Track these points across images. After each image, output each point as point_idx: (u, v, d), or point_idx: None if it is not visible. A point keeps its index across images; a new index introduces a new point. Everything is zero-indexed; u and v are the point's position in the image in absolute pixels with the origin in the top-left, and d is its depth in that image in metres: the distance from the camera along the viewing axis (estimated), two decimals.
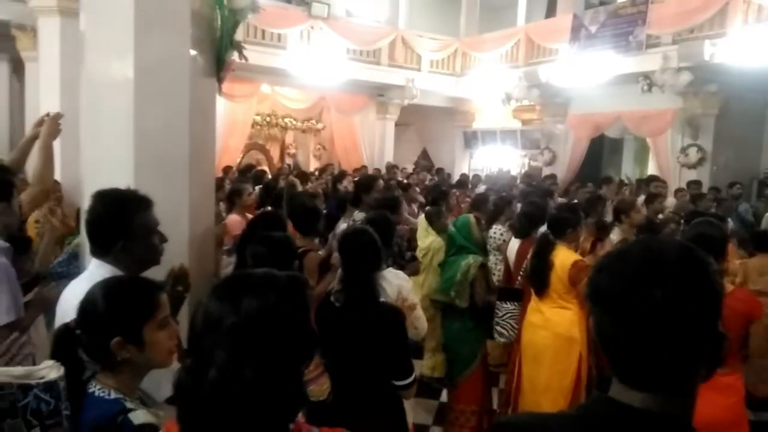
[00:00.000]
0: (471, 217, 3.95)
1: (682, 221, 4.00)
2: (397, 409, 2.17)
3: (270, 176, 8.25)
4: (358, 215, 4.45)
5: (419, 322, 2.66)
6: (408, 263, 3.99)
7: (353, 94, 12.43)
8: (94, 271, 1.70)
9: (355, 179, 6.56)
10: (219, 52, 2.83)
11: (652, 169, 10.72)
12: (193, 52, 2.65)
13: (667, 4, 8.99)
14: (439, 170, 11.90)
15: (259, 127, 12.37)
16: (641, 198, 6.48)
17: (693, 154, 9.57)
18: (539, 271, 3.47)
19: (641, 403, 0.85)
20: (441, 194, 5.74)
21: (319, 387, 2.13)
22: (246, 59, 2.97)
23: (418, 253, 4.64)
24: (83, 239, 2.10)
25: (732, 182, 8.10)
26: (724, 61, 7.88)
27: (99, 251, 1.74)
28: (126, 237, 1.71)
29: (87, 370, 1.41)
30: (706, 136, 9.56)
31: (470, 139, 14.44)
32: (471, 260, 3.67)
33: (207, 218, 2.75)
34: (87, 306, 1.41)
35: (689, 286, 0.83)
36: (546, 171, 11.62)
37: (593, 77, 9.79)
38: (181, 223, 2.45)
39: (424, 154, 15.01)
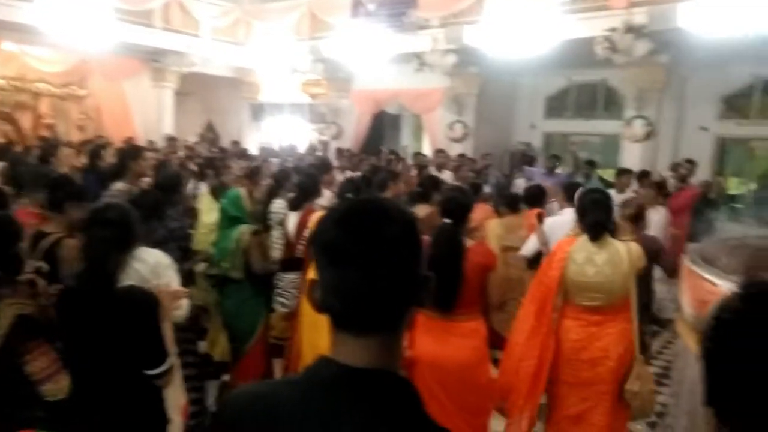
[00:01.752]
0: (242, 189, 3.94)
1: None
2: (151, 399, 2.00)
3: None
4: (119, 186, 4.06)
5: (180, 305, 2.49)
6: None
7: (123, 57, 11.19)
8: None
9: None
10: None
11: (427, 144, 11.67)
12: None
13: None
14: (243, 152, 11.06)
15: (4, 92, 10.52)
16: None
17: (458, 130, 10.64)
18: None
19: (355, 361, 0.90)
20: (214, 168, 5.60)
21: (56, 385, 1.87)
22: None
23: (201, 230, 4.44)
24: None
25: (484, 153, 9.15)
26: (479, 47, 8.80)
27: None
28: None
29: None
30: (469, 114, 10.68)
31: (258, 111, 14.13)
32: (243, 228, 3.65)
33: None
34: None
35: (392, 234, 0.91)
36: (333, 145, 11.90)
37: (372, 54, 10.21)
38: None
39: (209, 126, 14.29)
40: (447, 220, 2.75)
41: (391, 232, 0.90)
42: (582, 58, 8.34)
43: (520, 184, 7.71)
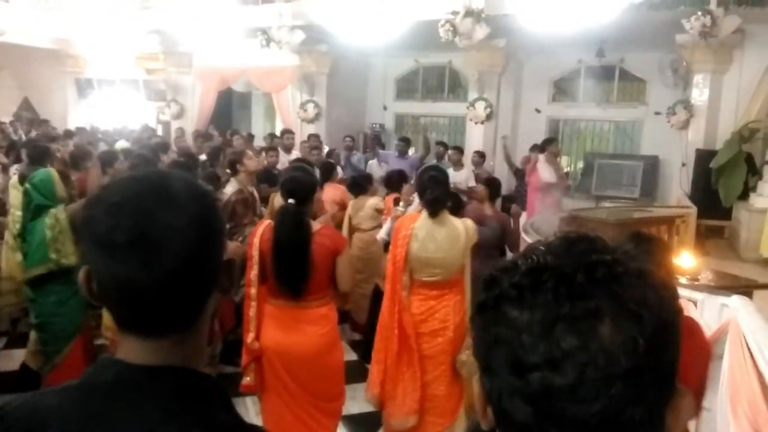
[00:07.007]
0: (52, 170, 3.45)
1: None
2: None
3: None
4: None
5: None
6: None
7: None
8: None
9: None
10: None
11: (279, 124, 11.24)
12: None
13: None
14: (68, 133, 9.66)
15: None
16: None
17: (311, 110, 10.40)
18: None
19: (144, 359, 0.77)
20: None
21: None
22: None
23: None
24: None
25: (345, 135, 9.05)
26: (326, 24, 8.57)
27: None
28: None
29: None
30: (321, 93, 10.46)
31: (85, 87, 12.64)
32: (55, 212, 3.29)
33: None
34: None
35: (176, 216, 0.76)
36: (175, 124, 11.03)
37: (213, 28, 9.55)
38: None
39: (27, 104, 12.51)
40: (290, 201, 2.55)
41: (176, 215, 0.76)
42: (429, 41, 8.49)
43: (373, 166, 7.72)
